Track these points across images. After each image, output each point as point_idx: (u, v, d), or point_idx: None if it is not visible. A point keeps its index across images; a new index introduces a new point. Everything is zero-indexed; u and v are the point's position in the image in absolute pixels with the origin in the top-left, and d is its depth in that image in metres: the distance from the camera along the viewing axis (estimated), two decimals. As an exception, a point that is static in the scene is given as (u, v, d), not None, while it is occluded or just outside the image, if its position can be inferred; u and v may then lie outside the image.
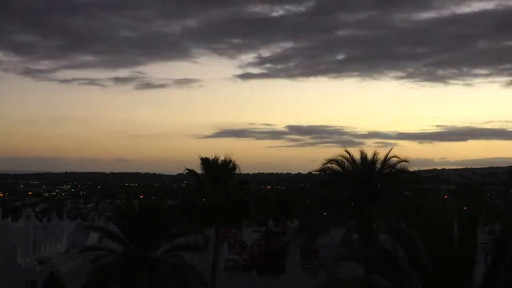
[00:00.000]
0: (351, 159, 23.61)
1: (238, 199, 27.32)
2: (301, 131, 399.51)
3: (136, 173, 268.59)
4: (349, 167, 23.56)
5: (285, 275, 31.58)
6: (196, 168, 28.72)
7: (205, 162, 28.49)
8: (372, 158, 23.62)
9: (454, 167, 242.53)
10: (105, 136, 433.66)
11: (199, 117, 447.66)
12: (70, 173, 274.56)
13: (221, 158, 28.74)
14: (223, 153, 28.79)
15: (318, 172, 24.09)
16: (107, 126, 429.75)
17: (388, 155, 23.50)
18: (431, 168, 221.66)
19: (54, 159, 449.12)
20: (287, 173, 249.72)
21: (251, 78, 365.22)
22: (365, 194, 22.77)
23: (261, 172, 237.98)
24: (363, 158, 23.64)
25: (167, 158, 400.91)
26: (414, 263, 12.57)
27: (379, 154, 23.67)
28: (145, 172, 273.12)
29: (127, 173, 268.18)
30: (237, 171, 29.06)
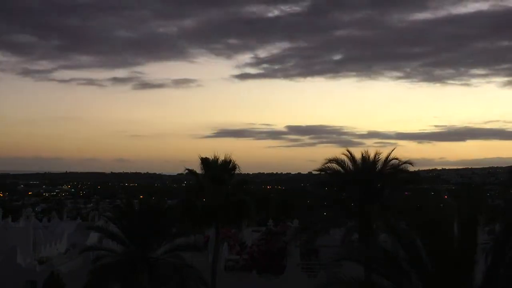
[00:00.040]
0: (351, 159, 23.60)
1: (238, 199, 27.31)
2: (301, 131, 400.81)
3: (136, 173, 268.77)
4: (349, 167, 23.55)
5: (285, 275, 31.57)
6: (196, 168, 28.75)
7: (205, 162, 28.49)
8: (373, 158, 23.62)
9: (454, 167, 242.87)
10: (105, 136, 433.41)
11: (198, 117, 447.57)
12: (70, 173, 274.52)
13: (221, 158, 28.75)
14: (223, 153, 28.87)
15: (318, 172, 24.10)
16: (107, 126, 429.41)
17: (388, 155, 23.52)
18: (431, 168, 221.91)
19: (54, 159, 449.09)
20: (287, 173, 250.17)
21: (249, 78, 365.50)
22: (365, 194, 22.77)
23: (261, 172, 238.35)
24: (363, 158, 23.63)
25: (167, 158, 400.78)
26: (414, 263, 12.56)
27: (379, 154, 23.70)
28: (145, 172, 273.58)
29: (127, 173, 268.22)
30: (237, 171, 29.06)
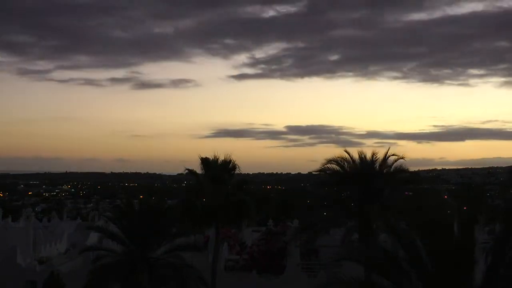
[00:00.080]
0: (351, 159, 23.57)
1: (238, 199, 27.30)
2: (300, 131, 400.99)
3: (136, 173, 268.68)
4: (349, 167, 23.52)
5: (285, 275, 31.55)
6: (196, 168, 28.74)
7: (205, 162, 28.48)
8: (372, 158, 23.60)
9: (454, 167, 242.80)
10: (105, 136, 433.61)
11: (198, 117, 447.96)
12: (70, 173, 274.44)
13: (221, 158, 28.75)
14: (223, 153, 28.87)
15: (318, 172, 24.06)
16: (107, 126, 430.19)
17: (388, 155, 23.52)
18: (431, 168, 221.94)
19: (54, 159, 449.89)
20: (287, 173, 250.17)
21: (247, 79, 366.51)
22: (365, 194, 22.75)
23: (261, 172, 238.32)
24: (363, 158, 23.60)
25: (167, 158, 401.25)
26: (414, 263, 12.57)
27: (379, 154, 23.69)
28: (145, 172, 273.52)
29: (127, 173, 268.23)
30: (237, 171, 29.06)
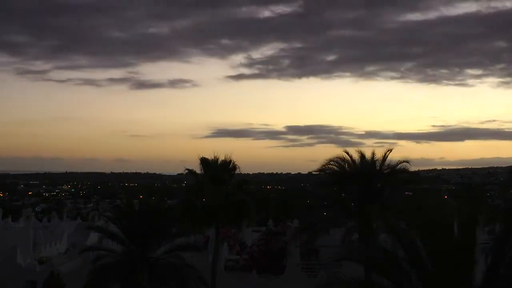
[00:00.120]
0: (351, 159, 23.59)
1: (238, 199, 27.31)
2: (299, 131, 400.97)
3: (136, 173, 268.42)
4: (349, 167, 23.54)
5: (285, 275, 31.55)
6: (196, 168, 28.74)
7: (205, 162, 28.48)
8: (372, 158, 23.62)
9: (454, 167, 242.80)
10: (105, 136, 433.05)
11: (197, 118, 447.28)
12: (70, 173, 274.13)
13: (221, 158, 28.76)
14: (223, 153, 28.87)
15: (318, 172, 24.09)
16: (107, 126, 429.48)
17: (388, 155, 23.53)
18: (431, 168, 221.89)
19: (54, 159, 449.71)
20: (287, 173, 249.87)
21: (245, 79, 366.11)
22: (365, 194, 22.77)
23: (261, 172, 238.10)
24: (363, 158, 23.63)
25: (167, 158, 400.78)
26: (414, 263, 12.57)
27: (379, 154, 23.71)
28: (145, 172, 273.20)
29: (127, 173, 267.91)
30: (237, 171, 29.07)
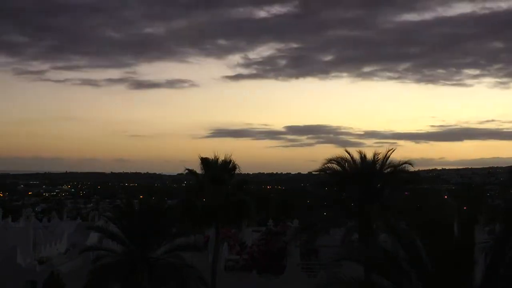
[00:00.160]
0: (351, 159, 23.57)
1: (238, 199, 27.31)
2: (299, 131, 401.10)
3: (136, 173, 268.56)
4: (349, 167, 23.52)
5: (285, 275, 31.56)
6: (196, 168, 28.77)
7: (205, 162, 28.49)
8: (372, 158, 23.61)
9: (454, 167, 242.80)
10: (105, 136, 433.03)
11: (197, 118, 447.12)
12: (70, 173, 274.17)
13: (221, 158, 28.76)
14: (222, 153, 28.88)
15: (318, 172, 24.06)
16: (107, 126, 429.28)
17: (389, 155, 23.52)
18: (431, 168, 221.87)
19: (54, 159, 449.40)
20: (287, 173, 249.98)
21: (243, 79, 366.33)
22: (365, 194, 22.74)
23: (261, 172, 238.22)
24: (363, 158, 23.61)
25: (167, 158, 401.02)
26: (414, 263, 12.57)
27: (378, 154, 23.68)
28: (145, 172, 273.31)
29: (127, 173, 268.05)
30: (237, 171, 29.09)
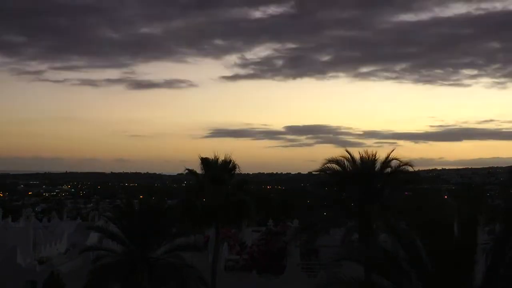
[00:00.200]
0: (351, 159, 23.57)
1: (238, 199, 27.31)
2: (298, 131, 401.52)
3: (136, 173, 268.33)
4: (349, 167, 23.52)
5: (285, 275, 31.56)
6: (196, 168, 28.76)
7: (205, 162, 28.49)
8: (372, 158, 23.60)
9: (454, 167, 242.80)
10: (105, 136, 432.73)
11: (196, 118, 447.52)
12: (70, 173, 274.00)
13: (221, 158, 28.76)
14: (222, 153, 28.88)
15: (318, 172, 24.05)
16: (107, 126, 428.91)
17: (388, 155, 23.49)
18: (431, 168, 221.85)
19: (54, 159, 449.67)
20: (287, 173, 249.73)
21: (241, 79, 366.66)
22: (365, 194, 22.74)
23: (261, 172, 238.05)
24: (363, 158, 23.61)
25: (167, 158, 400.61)
26: (414, 263, 12.57)
27: (379, 154, 23.69)
28: (145, 172, 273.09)
29: (127, 173, 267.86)
30: (237, 171, 29.08)
